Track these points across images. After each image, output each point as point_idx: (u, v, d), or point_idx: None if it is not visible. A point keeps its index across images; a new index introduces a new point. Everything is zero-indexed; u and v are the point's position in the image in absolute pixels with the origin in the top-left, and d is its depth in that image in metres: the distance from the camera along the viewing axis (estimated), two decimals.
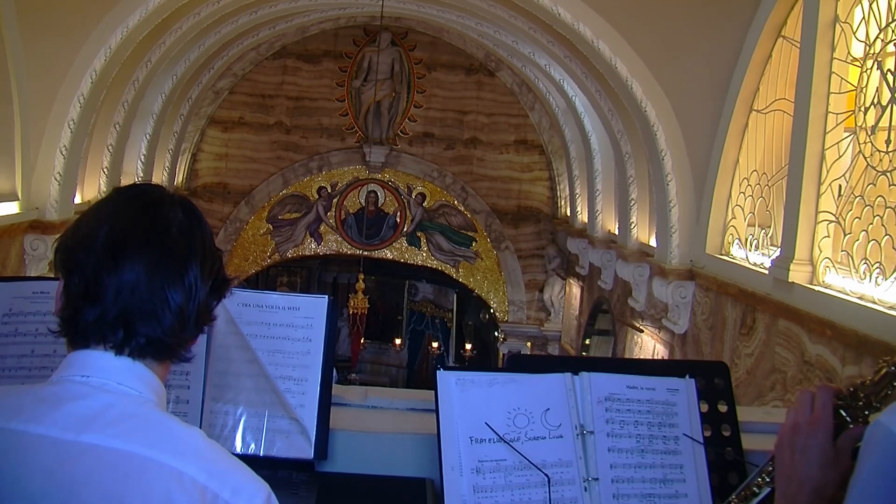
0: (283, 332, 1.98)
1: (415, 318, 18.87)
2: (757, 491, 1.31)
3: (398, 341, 18.44)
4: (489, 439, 1.79)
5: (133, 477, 1.19)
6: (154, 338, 1.28)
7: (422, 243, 13.63)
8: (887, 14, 4.76)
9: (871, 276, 4.62)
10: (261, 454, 1.91)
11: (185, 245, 1.31)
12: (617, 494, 1.81)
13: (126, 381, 1.27)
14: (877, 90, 4.77)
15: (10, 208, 6.45)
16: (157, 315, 1.27)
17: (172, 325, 1.28)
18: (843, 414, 1.21)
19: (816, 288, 5.08)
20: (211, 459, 1.24)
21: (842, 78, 5.15)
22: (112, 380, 1.27)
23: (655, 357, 7.82)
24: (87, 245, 1.28)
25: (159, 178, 11.35)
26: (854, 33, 5.04)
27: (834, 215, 5.11)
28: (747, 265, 6.24)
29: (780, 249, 5.57)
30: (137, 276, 1.26)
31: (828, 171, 5.15)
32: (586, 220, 11.05)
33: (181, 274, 1.29)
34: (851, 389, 1.23)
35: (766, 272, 5.68)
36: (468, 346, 16.65)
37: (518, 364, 1.95)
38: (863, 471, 1.11)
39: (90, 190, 8.15)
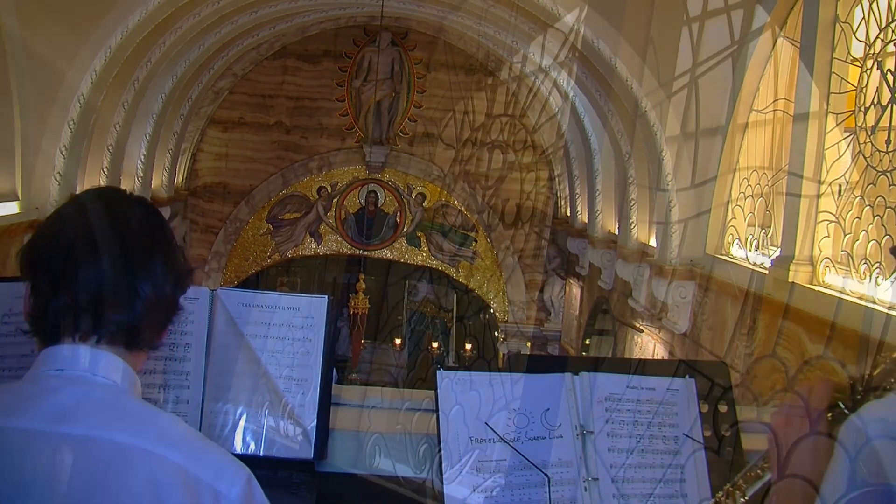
0: (283, 332, 1.98)
1: (415, 318, 18.85)
2: (761, 474, 1.31)
3: (398, 341, 18.42)
4: (489, 439, 1.79)
5: (116, 464, 1.21)
6: (125, 325, 1.31)
7: (422, 243, 13.63)
8: (887, 14, 4.75)
9: (871, 276, 4.61)
10: (261, 454, 1.91)
11: (147, 238, 1.35)
12: (617, 494, 1.80)
13: (100, 372, 1.30)
14: (877, 90, 4.77)
15: (10, 208, 6.45)
16: (126, 303, 1.30)
17: (141, 312, 1.31)
18: (842, 406, 1.22)
19: (816, 288, 5.07)
20: (192, 444, 1.27)
21: (842, 78, 5.14)
22: (86, 371, 1.29)
23: (655, 357, 7.81)
24: (52, 245, 1.32)
25: (159, 178, 11.33)
26: (854, 33, 5.03)
27: (834, 215, 5.10)
28: (747, 265, 6.24)
29: (780, 249, 5.56)
30: (104, 267, 1.29)
31: (828, 171, 5.15)
32: (586, 220, 11.04)
33: (147, 264, 1.33)
34: (851, 383, 1.24)
35: (766, 272, 5.68)
36: (468, 346, 16.64)
37: (518, 364, 1.95)
38: (833, 468, 1.13)
39: None
